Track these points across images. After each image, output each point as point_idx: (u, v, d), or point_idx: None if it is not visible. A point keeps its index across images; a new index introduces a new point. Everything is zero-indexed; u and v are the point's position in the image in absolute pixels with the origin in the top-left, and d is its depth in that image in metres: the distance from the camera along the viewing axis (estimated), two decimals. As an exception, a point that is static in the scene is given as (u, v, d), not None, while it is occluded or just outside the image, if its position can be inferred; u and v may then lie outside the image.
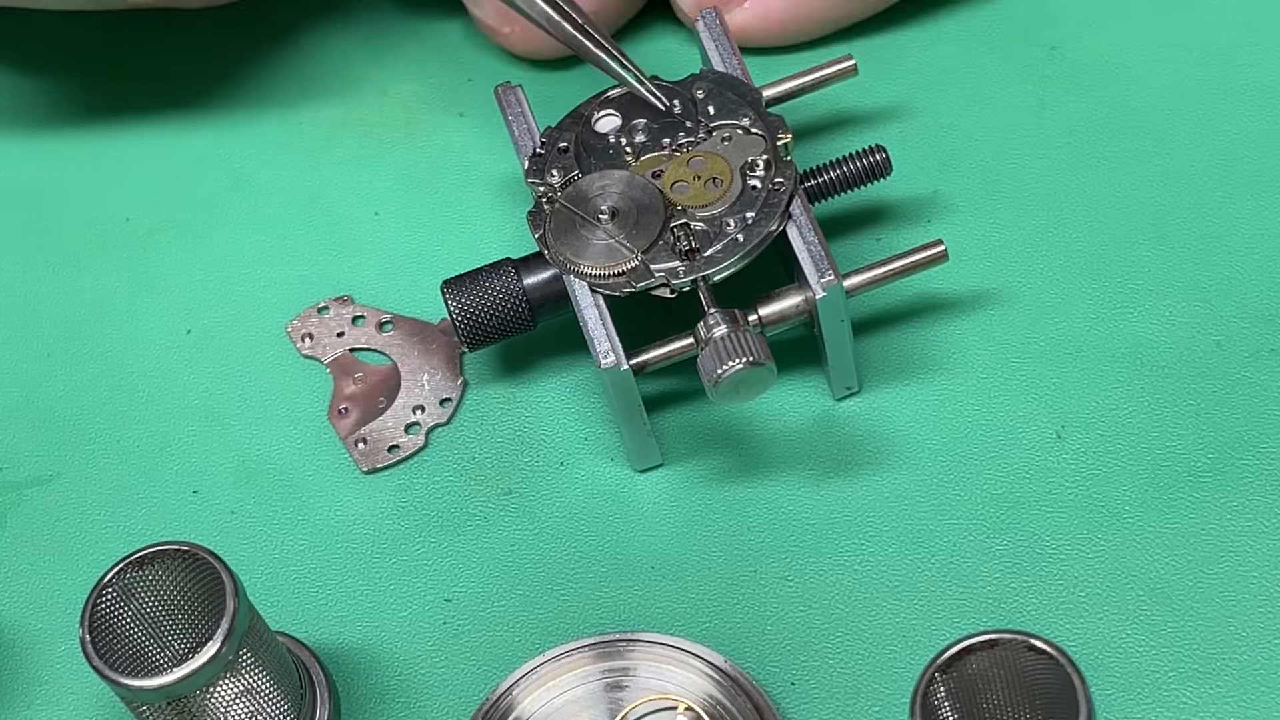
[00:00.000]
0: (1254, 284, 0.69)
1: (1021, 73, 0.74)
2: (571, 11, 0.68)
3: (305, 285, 0.73)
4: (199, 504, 0.69)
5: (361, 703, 0.64)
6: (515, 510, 0.67)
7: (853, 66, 0.69)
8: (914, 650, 0.63)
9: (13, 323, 0.74)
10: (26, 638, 0.66)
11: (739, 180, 0.65)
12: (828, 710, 0.62)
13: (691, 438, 0.68)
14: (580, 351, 0.68)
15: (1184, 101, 0.73)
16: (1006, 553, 0.64)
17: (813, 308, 0.64)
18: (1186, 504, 0.65)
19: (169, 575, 0.60)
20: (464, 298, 0.66)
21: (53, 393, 0.72)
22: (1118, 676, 0.62)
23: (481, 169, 0.75)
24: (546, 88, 0.74)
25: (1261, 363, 0.67)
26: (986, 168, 0.72)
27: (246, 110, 0.77)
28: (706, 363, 0.62)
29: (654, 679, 0.63)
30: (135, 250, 0.75)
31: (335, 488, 0.68)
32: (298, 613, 0.66)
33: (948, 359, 0.68)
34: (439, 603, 0.66)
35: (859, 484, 0.66)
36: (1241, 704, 0.61)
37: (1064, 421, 0.67)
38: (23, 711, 0.65)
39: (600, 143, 0.67)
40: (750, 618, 0.64)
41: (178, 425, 0.70)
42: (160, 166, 0.77)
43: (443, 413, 0.69)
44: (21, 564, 0.68)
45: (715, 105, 0.67)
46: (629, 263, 0.64)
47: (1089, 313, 0.69)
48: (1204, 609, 0.63)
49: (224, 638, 0.58)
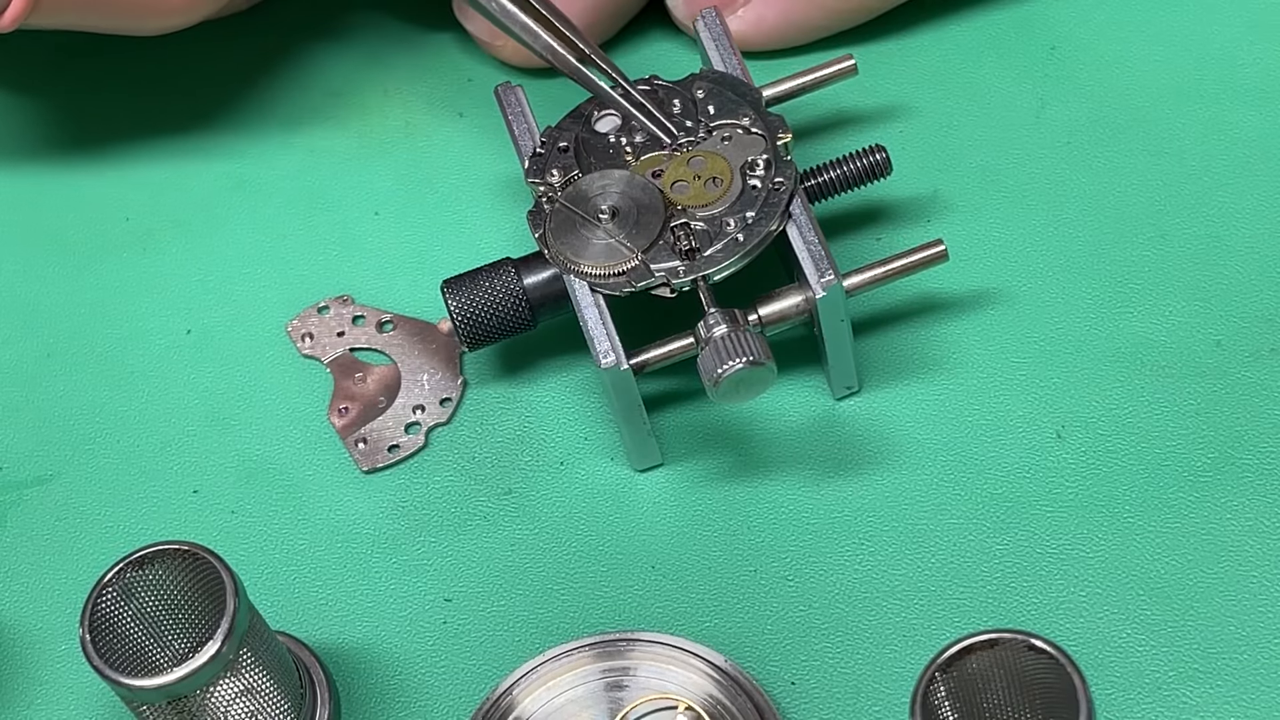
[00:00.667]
0: (1254, 284, 0.68)
1: (1021, 73, 0.74)
2: (567, 31, 0.68)
3: (305, 285, 0.73)
4: (199, 504, 0.69)
5: (361, 703, 0.64)
6: (515, 510, 0.67)
7: (853, 66, 0.69)
8: (914, 650, 0.63)
9: (13, 323, 0.74)
10: (26, 638, 0.66)
11: (739, 180, 0.65)
12: (828, 710, 0.62)
13: (691, 437, 0.68)
14: (580, 351, 0.68)
15: (1184, 101, 0.73)
16: (1006, 553, 0.64)
17: (813, 307, 0.64)
18: (1186, 503, 0.64)
19: (169, 575, 0.60)
20: (464, 297, 0.66)
21: (53, 393, 0.72)
22: (1118, 676, 0.62)
23: (481, 169, 0.75)
24: (547, 88, 0.74)
25: (1261, 363, 0.67)
26: (986, 168, 0.72)
27: (247, 110, 0.77)
28: (707, 362, 0.62)
29: (654, 679, 0.63)
30: (135, 250, 0.75)
31: (335, 488, 0.68)
32: (298, 613, 0.66)
33: (948, 359, 0.68)
34: (439, 603, 0.66)
35: (859, 484, 0.66)
36: (1241, 704, 0.61)
37: (1064, 421, 0.67)
38: (23, 711, 0.65)
39: (600, 142, 0.67)
40: (750, 617, 0.64)
41: (178, 425, 0.70)
42: (160, 166, 0.77)
43: (443, 413, 0.69)
44: (21, 564, 0.68)
45: (715, 105, 0.67)
46: (629, 262, 0.64)
47: (1089, 312, 0.69)
48: (1204, 609, 0.63)
49: (224, 637, 0.58)
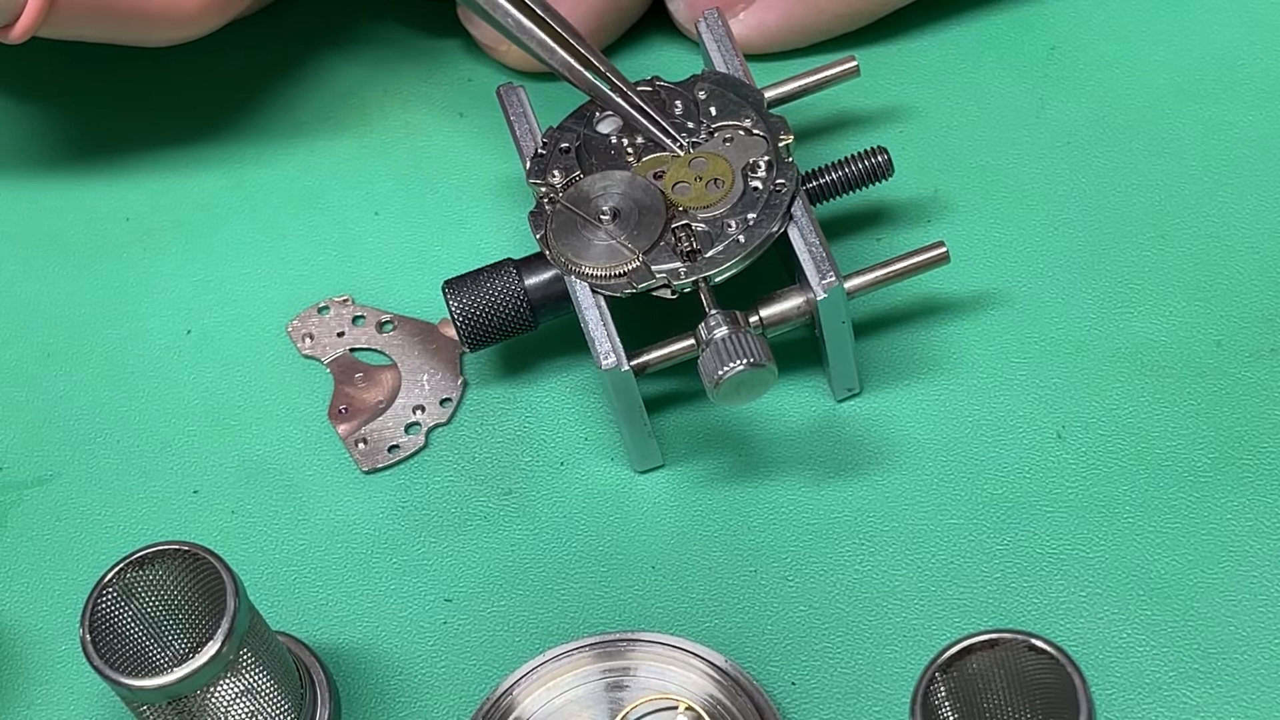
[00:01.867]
0: (1254, 284, 0.69)
1: (1021, 73, 0.74)
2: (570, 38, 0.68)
3: (305, 285, 0.73)
4: (199, 504, 0.69)
5: (361, 703, 0.64)
6: (515, 510, 0.67)
7: (855, 68, 0.69)
8: (914, 650, 0.63)
9: (13, 323, 0.74)
10: (26, 638, 0.66)
11: (740, 181, 0.65)
12: (828, 710, 0.62)
13: (692, 438, 0.68)
14: (581, 352, 0.68)
15: (1184, 101, 0.73)
16: (1006, 553, 0.64)
17: (814, 309, 0.64)
18: (1186, 504, 0.65)
19: (169, 575, 0.60)
20: (465, 298, 0.66)
21: (53, 393, 0.72)
22: (1118, 676, 0.62)
23: (482, 169, 0.75)
24: (548, 88, 0.74)
25: (1261, 363, 0.67)
26: (987, 168, 0.72)
27: (247, 111, 0.77)
28: (707, 364, 0.62)
29: (654, 679, 0.63)
30: (135, 250, 0.75)
31: (335, 488, 0.68)
32: (298, 613, 0.66)
33: (948, 359, 0.68)
34: (439, 603, 0.66)
35: (859, 484, 0.66)
36: (1241, 704, 0.61)
37: (1064, 421, 0.67)
38: (23, 711, 0.65)
39: (602, 143, 0.67)
40: (751, 618, 0.64)
41: (178, 425, 0.70)
42: (160, 167, 0.77)
43: (443, 413, 0.69)
44: (21, 564, 0.68)
45: (717, 106, 0.67)
46: (630, 263, 0.64)
47: (1089, 313, 0.69)
48: (1204, 609, 0.63)
49: (224, 637, 0.58)
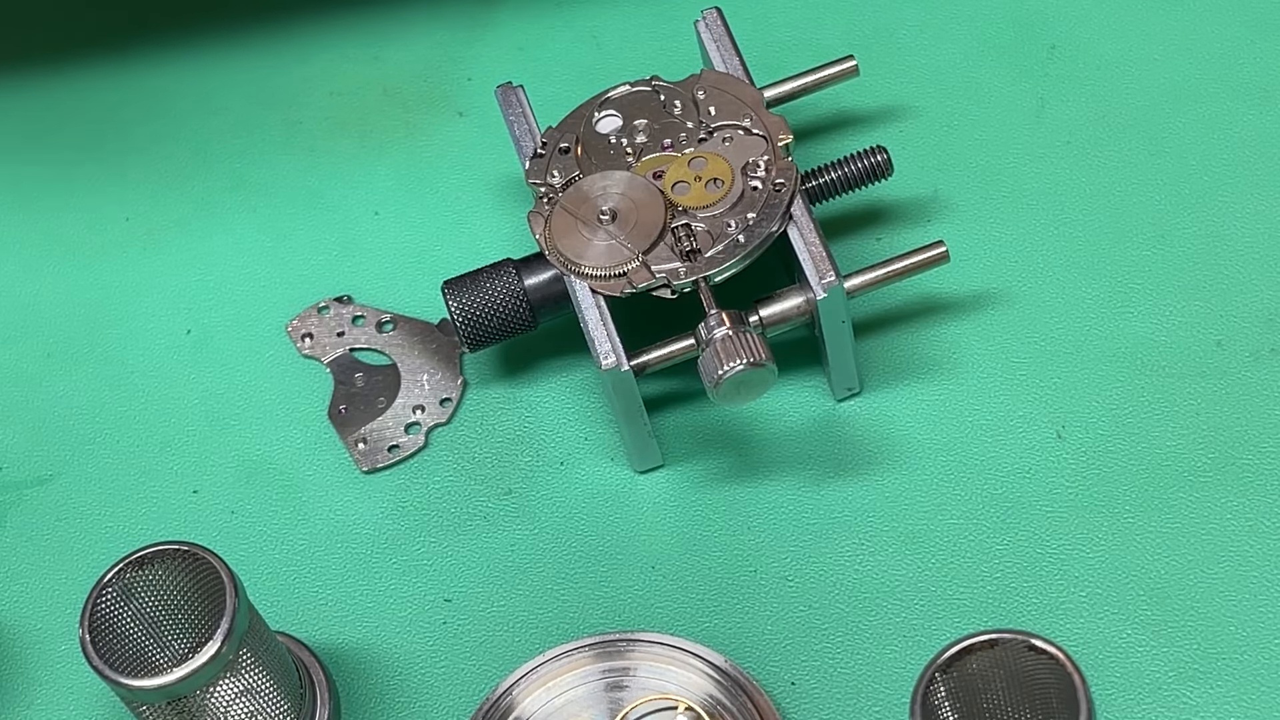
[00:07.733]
0: (1254, 284, 0.69)
1: (1021, 73, 0.74)
2: None
3: (305, 285, 0.73)
4: (199, 504, 0.69)
5: (361, 703, 0.64)
6: (515, 510, 0.67)
7: (854, 67, 0.69)
8: (914, 650, 0.63)
9: (13, 323, 0.74)
10: (26, 638, 0.66)
11: (740, 181, 0.65)
12: (828, 710, 0.62)
13: (692, 438, 0.68)
14: (581, 352, 0.68)
15: (1184, 101, 0.73)
16: (1006, 553, 0.64)
17: (814, 308, 0.64)
18: (1186, 504, 0.65)
19: (169, 575, 0.60)
20: (465, 298, 0.66)
21: (53, 393, 0.72)
22: (1118, 676, 0.62)
23: (481, 169, 0.75)
24: (548, 88, 0.74)
25: (1261, 363, 0.67)
26: (986, 168, 0.72)
27: (247, 110, 0.77)
28: (707, 363, 0.62)
29: (654, 679, 0.63)
30: (135, 250, 0.75)
31: (335, 488, 0.68)
32: (298, 613, 0.66)
33: (948, 359, 0.68)
34: (439, 603, 0.66)
35: (859, 484, 0.66)
36: (1241, 704, 0.61)
37: (1064, 421, 0.67)
38: (23, 711, 0.65)
39: (601, 143, 0.67)
40: (750, 617, 0.64)
41: (178, 425, 0.70)
42: (160, 167, 0.77)
43: (443, 413, 0.69)
44: (21, 564, 0.68)
45: (716, 106, 0.67)
46: (630, 263, 0.64)
47: (1089, 313, 0.69)
48: (1204, 609, 0.63)
49: (224, 637, 0.58)
